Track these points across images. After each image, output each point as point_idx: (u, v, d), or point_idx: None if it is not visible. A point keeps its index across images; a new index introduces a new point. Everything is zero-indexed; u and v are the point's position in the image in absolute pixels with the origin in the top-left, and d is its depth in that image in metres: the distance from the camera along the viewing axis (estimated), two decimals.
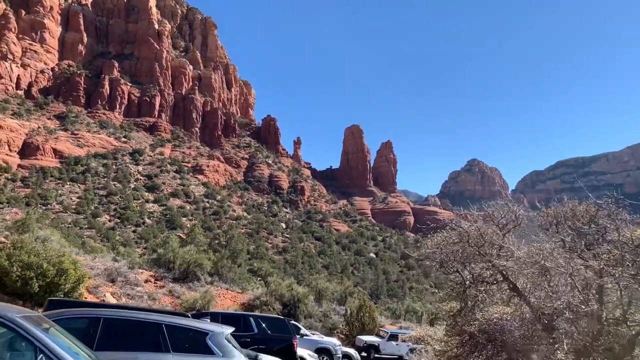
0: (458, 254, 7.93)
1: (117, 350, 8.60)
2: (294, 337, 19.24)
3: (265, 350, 17.24)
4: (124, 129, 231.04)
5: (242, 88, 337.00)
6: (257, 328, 18.89)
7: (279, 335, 18.99)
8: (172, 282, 41.73)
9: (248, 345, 17.51)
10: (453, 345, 10.18)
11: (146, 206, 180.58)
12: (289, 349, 18.74)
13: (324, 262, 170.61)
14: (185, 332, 9.12)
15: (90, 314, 9.06)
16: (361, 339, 37.16)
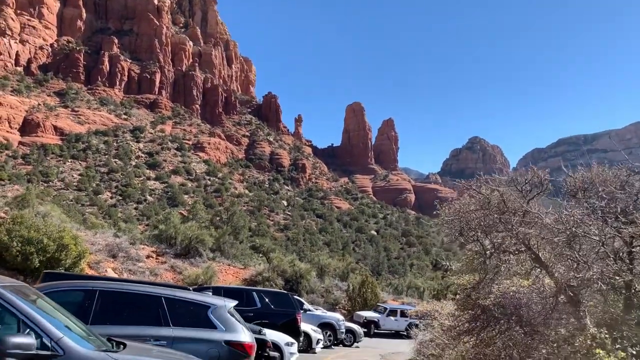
0: (479, 221, 7.44)
1: (114, 324, 8.16)
2: (298, 311, 18.96)
3: (269, 325, 16.93)
4: (125, 106, 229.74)
5: (242, 65, 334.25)
6: (261, 303, 18.62)
7: (283, 310, 18.71)
8: (173, 258, 41.51)
9: (251, 320, 17.19)
10: (464, 320, 9.75)
11: (147, 183, 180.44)
12: (293, 324, 18.47)
13: (325, 240, 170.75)
14: (186, 305, 8.68)
15: (86, 286, 8.60)
16: (360, 315, 36.83)
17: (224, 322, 8.51)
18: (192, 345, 8.14)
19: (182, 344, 8.06)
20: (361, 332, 31.07)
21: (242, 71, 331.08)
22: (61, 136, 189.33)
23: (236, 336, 8.54)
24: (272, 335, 14.68)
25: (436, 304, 16.96)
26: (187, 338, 8.22)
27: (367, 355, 24.28)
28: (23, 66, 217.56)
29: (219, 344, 8.29)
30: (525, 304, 8.26)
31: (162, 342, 8.04)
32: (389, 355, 25.11)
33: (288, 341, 15.01)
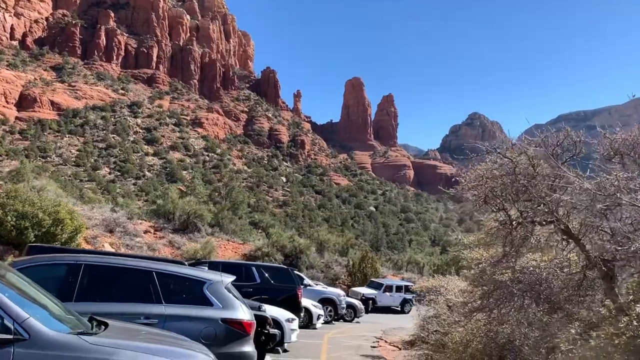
0: (505, 187, 6.78)
1: (101, 301, 7.51)
2: (298, 287, 18.46)
3: (269, 300, 16.42)
4: (122, 81, 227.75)
5: (240, 39, 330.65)
6: (260, 278, 18.09)
7: (283, 285, 18.17)
8: (172, 233, 41.00)
9: (250, 296, 16.68)
10: (477, 296, 9.16)
11: (146, 159, 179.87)
12: (293, 299, 17.98)
13: (324, 216, 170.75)
14: (179, 280, 8.01)
15: (69, 260, 7.88)
16: (357, 292, 35.99)
17: (220, 299, 7.89)
18: (186, 323, 7.53)
19: (175, 323, 7.46)
20: (362, 307, 30.69)
21: (240, 45, 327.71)
22: (58, 111, 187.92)
23: (234, 314, 7.91)
24: (272, 311, 14.15)
25: (441, 280, 16.36)
26: (180, 316, 7.60)
27: (368, 331, 23.88)
28: (18, 40, 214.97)
29: (215, 322, 7.67)
30: (545, 280, 7.67)
31: (153, 321, 7.45)
32: (391, 330, 24.73)
33: (289, 317, 14.47)
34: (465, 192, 7.72)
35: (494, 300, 8.54)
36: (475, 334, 10.23)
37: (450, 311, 15.36)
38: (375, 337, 20.91)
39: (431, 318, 16.91)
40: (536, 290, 7.69)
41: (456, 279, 16.08)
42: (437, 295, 15.45)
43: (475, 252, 9.21)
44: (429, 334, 16.17)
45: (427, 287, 16.31)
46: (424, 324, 17.89)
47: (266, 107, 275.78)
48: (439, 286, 15.47)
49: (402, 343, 19.74)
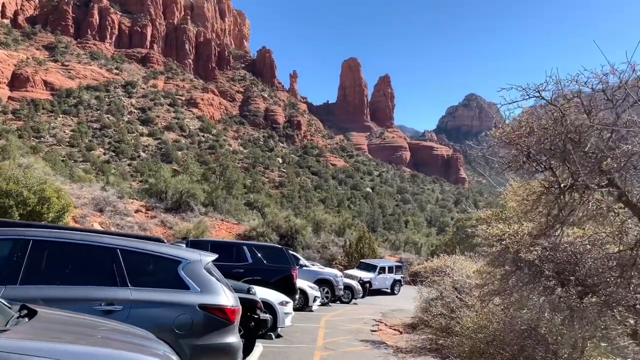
0: (552, 141, 5.58)
1: (53, 284, 6.24)
2: (293, 267, 17.32)
3: (261, 282, 15.33)
4: (116, 60, 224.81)
5: (236, 18, 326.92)
6: (252, 258, 16.89)
7: (277, 266, 16.98)
8: (164, 213, 39.92)
9: (242, 277, 15.59)
10: (496, 278, 8.02)
11: (141, 139, 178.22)
12: (288, 281, 16.88)
13: (320, 197, 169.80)
14: (149, 259, 6.71)
15: (14, 235, 6.46)
16: (352, 275, 33.59)
17: (198, 281, 6.69)
18: (156, 310, 6.35)
19: (142, 309, 6.27)
20: (359, 288, 29.60)
21: (235, 25, 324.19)
22: (51, 91, 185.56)
23: (214, 298, 6.71)
24: (263, 293, 13.03)
25: (447, 260, 15.24)
26: (149, 301, 6.38)
27: (367, 313, 22.88)
28: (10, 19, 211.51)
29: (191, 309, 6.46)
30: (580, 259, 6.54)
31: (116, 307, 6.23)
32: (390, 312, 23.76)
33: (282, 300, 13.32)
34: (500, 147, 6.52)
35: (515, 282, 7.41)
36: (490, 319, 9.13)
37: (457, 293, 14.31)
38: (375, 320, 19.86)
39: (435, 300, 15.87)
40: (569, 271, 6.55)
41: (462, 258, 14.98)
42: (443, 276, 14.34)
43: (495, 228, 8.04)
44: (433, 317, 15.11)
45: (432, 268, 15.20)
46: (426, 307, 16.88)
47: (262, 87, 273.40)
48: (444, 266, 14.36)
49: (403, 326, 18.74)
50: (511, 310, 8.54)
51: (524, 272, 7.45)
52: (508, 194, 8.64)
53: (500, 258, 7.53)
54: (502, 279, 7.45)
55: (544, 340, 7.94)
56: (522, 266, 7.22)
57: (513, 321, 8.53)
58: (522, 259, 7.01)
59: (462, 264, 14.25)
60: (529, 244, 7.00)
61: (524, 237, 7.15)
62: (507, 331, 8.57)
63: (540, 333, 7.60)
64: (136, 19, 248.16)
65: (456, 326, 12.27)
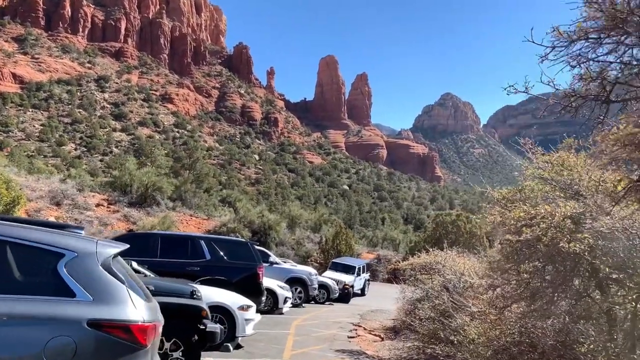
0: None
1: None
2: (260, 265, 15.11)
3: (221, 282, 13.19)
4: (88, 54, 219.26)
5: (212, 13, 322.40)
6: (211, 254, 14.60)
7: (240, 263, 14.79)
8: (127, 207, 37.42)
9: (197, 276, 13.40)
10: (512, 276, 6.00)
11: (113, 135, 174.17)
12: (253, 280, 14.66)
13: (297, 194, 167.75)
14: (15, 251, 4.60)
15: None
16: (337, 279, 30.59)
17: (90, 284, 4.36)
18: (17, 330, 4.02)
19: None
20: (335, 287, 27.47)
21: (211, 20, 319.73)
22: (21, 84, 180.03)
23: (114, 310, 4.39)
24: (219, 296, 10.89)
25: (436, 255, 13.20)
26: (10, 316, 4.11)
27: (344, 315, 20.84)
28: None
29: (75, 327, 4.17)
30: None
31: None
32: (369, 314, 21.76)
33: (243, 304, 11.14)
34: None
35: (547, 282, 5.39)
36: (503, 330, 7.11)
37: (448, 294, 12.32)
38: (352, 323, 17.76)
39: (421, 302, 13.86)
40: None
41: (454, 254, 12.98)
42: (433, 274, 12.33)
43: (518, 210, 5.98)
44: (420, 322, 13.07)
45: (419, 265, 13.18)
46: (411, 309, 14.88)
47: (238, 83, 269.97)
48: (434, 263, 12.35)
49: (383, 330, 16.73)
50: (531, 319, 6.53)
51: (558, 270, 5.42)
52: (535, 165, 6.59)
53: (525, 250, 5.51)
54: (532, 277, 5.43)
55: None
56: (561, 260, 5.20)
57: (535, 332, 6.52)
58: (562, 252, 5.02)
59: (454, 260, 12.26)
60: (571, 231, 5.01)
61: (564, 221, 5.16)
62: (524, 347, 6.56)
63: (579, 353, 5.59)
64: (110, 12, 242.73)
65: (451, 334, 10.26)
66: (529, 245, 5.47)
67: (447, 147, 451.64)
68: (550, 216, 5.27)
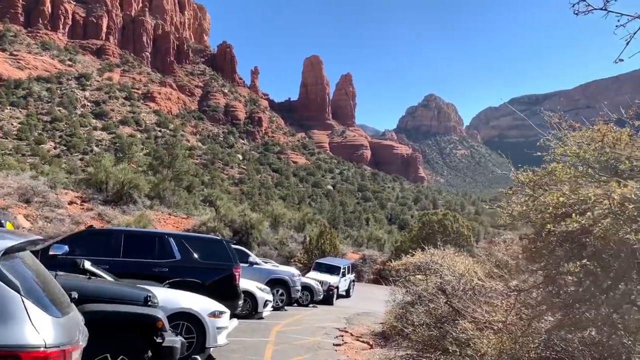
0: None
1: None
2: (235, 265, 13.58)
3: (193, 285, 11.79)
4: (69, 51, 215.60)
5: (196, 12, 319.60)
6: (181, 253, 12.98)
7: (214, 264, 13.28)
8: (102, 205, 35.74)
9: (166, 278, 11.97)
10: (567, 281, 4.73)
11: (94, 134, 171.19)
12: (228, 282, 13.16)
13: (281, 194, 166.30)
14: None
15: None
16: (322, 280, 29.17)
17: None
18: None
19: None
20: (319, 288, 26.12)
21: (195, 19, 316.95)
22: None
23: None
24: (187, 301, 9.48)
25: (434, 254, 11.93)
26: None
27: (328, 319, 19.50)
28: None
29: None
30: None
31: None
32: (355, 317, 20.45)
33: (214, 310, 9.73)
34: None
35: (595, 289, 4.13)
36: (523, 342, 5.83)
37: (445, 297, 11.09)
38: (338, 328, 16.41)
39: (414, 305, 12.59)
40: None
41: (452, 252, 11.72)
42: (429, 274, 11.06)
43: (555, 194, 4.67)
44: (414, 328, 11.81)
45: (414, 264, 11.91)
46: (403, 313, 13.61)
47: (222, 82, 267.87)
48: (430, 262, 11.08)
49: (372, 336, 15.44)
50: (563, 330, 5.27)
51: (607, 270, 4.16)
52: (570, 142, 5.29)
53: (566, 245, 4.25)
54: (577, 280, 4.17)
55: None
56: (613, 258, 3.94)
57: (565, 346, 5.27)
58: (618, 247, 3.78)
59: (453, 259, 11.01)
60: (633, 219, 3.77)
61: (624, 206, 3.91)
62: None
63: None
64: (91, 9, 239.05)
65: (452, 344, 9.01)
66: (571, 239, 4.22)
67: (430, 148, 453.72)
68: (608, 199, 4.01)
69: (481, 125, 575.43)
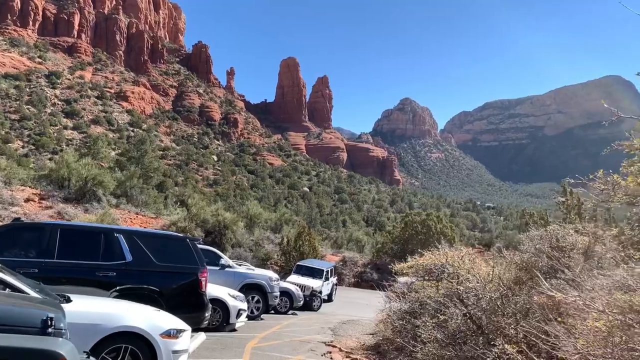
0: None
1: None
2: (201, 268, 10.99)
3: (148, 293, 9.46)
4: (39, 48, 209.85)
5: (171, 11, 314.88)
6: (133, 253, 10.37)
7: (175, 267, 10.74)
8: (63, 203, 32.99)
9: (112, 285, 9.60)
10: None
11: (64, 133, 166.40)
12: (192, 289, 10.67)
13: (256, 195, 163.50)
14: None
15: None
16: (304, 284, 26.64)
17: None
18: None
19: None
20: (300, 294, 23.81)
21: (170, 18, 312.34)
22: None
23: None
24: (131, 317, 7.11)
25: (449, 254, 9.68)
26: None
27: (311, 330, 17.23)
28: None
29: None
30: None
31: None
32: (341, 326, 18.21)
33: (170, 328, 7.32)
34: None
35: None
36: None
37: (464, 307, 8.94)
38: (325, 342, 14.11)
39: (420, 316, 10.40)
40: None
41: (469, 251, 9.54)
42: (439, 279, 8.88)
43: None
44: (422, 344, 9.66)
45: (425, 267, 9.71)
46: (403, 325, 11.43)
47: (197, 82, 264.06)
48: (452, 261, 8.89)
49: (364, 350, 13.22)
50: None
51: None
52: None
53: None
54: None
55: None
56: None
57: None
58: None
59: (473, 261, 8.86)
60: None
61: None
62: None
63: None
64: (62, 6, 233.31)
65: None
66: None
67: (405, 151, 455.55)
68: None
69: (455, 129, 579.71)
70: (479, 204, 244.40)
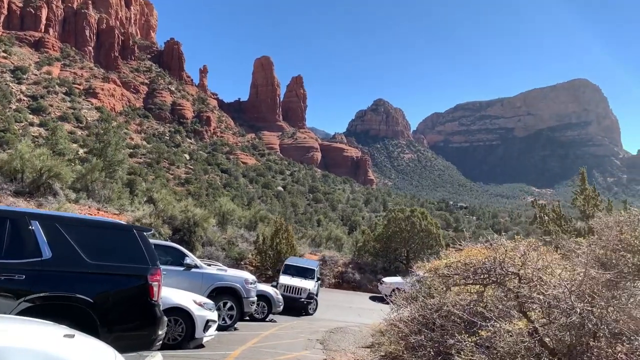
0: None
1: None
2: (153, 269, 7.80)
3: (73, 305, 6.61)
4: (4, 42, 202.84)
5: (142, 7, 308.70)
6: (53, 248, 7.21)
7: (116, 266, 7.59)
8: (13, 197, 29.66)
9: (20, 294, 6.65)
10: None
11: (30, 129, 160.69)
12: (139, 298, 7.62)
13: (230, 195, 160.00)
14: None
15: None
16: (296, 286, 24.13)
17: None
18: None
19: None
20: (279, 298, 21.00)
21: (142, 14, 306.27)
22: None
23: None
24: (29, 343, 4.20)
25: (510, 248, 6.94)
26: None
27: (299, 344, 14.30)
28: None
29: None
30: None
31: None
32: (330, 336, 15.49)
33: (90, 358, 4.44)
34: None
35: None
36: None
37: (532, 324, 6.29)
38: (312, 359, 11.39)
39: (461, 336, 7.79)
40: None
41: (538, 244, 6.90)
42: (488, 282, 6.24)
43: None
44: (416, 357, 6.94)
45: (474, 266, 7.03)
46: (421, 342, 8.79)
47: (169, 80, 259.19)
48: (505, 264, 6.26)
49: None
50: None
51: None
52: None
53: None
54: None
55: None
56: None
57: None
58: None
59: (544, 259, 6.24)
60: None
61: None
62: None
63: None
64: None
65: None
66: None
67: (378, 152, 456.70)
68: None
69: (427, 130, 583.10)
70: (451, 203, 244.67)
